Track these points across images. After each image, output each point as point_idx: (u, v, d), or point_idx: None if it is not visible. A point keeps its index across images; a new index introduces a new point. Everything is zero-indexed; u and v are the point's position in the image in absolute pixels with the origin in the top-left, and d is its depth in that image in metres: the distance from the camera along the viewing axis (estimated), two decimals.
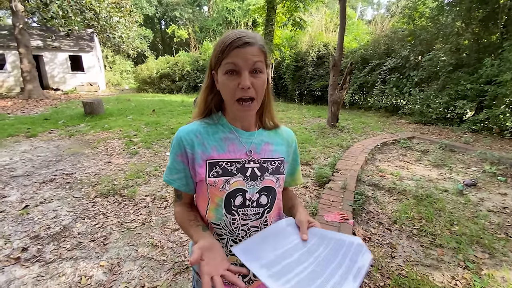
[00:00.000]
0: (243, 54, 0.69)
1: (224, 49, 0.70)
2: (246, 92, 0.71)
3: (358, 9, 33.45)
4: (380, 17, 16.63)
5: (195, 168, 0.78)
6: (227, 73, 0.71)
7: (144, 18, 27.32)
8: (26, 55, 11.87)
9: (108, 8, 14.17)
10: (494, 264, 2.13)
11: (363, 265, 0.62)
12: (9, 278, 1.87)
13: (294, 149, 0.94)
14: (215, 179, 0.76)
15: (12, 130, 6.08)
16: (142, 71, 18.35)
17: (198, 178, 0.78)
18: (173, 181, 0.81)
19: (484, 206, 3.12)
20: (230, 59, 0.69)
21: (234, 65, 0.70)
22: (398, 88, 9.77)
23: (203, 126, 0.80)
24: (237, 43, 0.69)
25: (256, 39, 0.72)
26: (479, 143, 5.99)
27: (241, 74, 0.70)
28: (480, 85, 7.16)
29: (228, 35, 0.71)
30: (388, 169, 4.29)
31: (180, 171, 0.80)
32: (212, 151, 0.78)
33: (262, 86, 0.73)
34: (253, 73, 0.71)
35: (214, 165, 0.77)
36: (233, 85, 0.71)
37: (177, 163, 0.79)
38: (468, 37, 8.10)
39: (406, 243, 2.41)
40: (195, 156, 0.77)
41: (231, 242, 0.80)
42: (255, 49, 0.70)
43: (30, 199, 3.05)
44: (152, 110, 9.32)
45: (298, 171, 0.98)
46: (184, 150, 0.78)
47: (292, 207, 0.91)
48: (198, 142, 0.78)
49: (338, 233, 0.74)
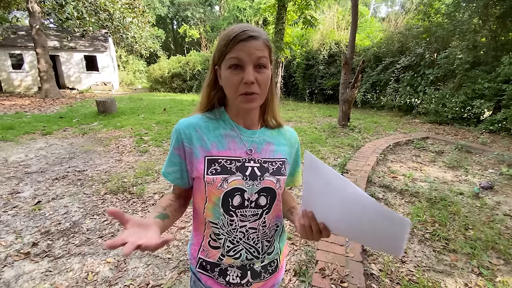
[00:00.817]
0: (248, 48, 0.67)
1: (228, 43, 0.68)
2: (249, 87, 0.68)
3: (372, 6, 32.81)
4: (394, 14, 16.26)
5: (193, 163, 0.76)
6: (231, 68, 0.69)
7: (157, 18, 27.73)
8: (43, 55, 12.23)
9: (121, 9, 14.41)
10: (509, 270, 2.03)
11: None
12: (18, 273, 1.91)
13: (297, 150, 0.90)
14: (213, 176, 0.74)
15: (28, 127, 6.27)
16: (154, 70, 18.62)
17: (196, 174, 0.76)
18: (168, 174, 0.79)
19: (500, 210, 2.99)
20: (234, 53, 0.67)
21: (238, 60, 0.67)
22: (412, 86, 9.52)
23: (204, 121, 0.78)
24: (241, 36, 0.67)
25: (260, 33, 0.70)
26: (497, 144, 5.76)
27: (244, 68, 0.68)
28: (497, 84, 6.89)
29: (232, 29, 0.70)
30: (400, 170, 4.18)
31: (175, 164, 0.78)
32: (211, 147, 0.75)
33: (266, 81, 0.71)
34: (257, 68, 0.69)
35: (213, 162, 0.75)
36: (236, 80, 0.68)
37: (174, 156, 0.78)
38: (485, 34, 7.81)
39: (418, 248, 2.33)
40: (193, 150, 0.75)
41: (228, 243, 0.78)
42: (259, 43, 0.68)
43: (43, 195, 3.13)
44: (163, 109, 9.43)
45: (298, 172, 0.94)
46: (181, 143, 0.76)
47: (293, 208, 0.88)
48: (198, 137, 0.76)
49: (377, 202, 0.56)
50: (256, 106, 0.75)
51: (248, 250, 0.79)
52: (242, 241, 0.78)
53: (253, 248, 0.79)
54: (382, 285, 1.88)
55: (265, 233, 0.81)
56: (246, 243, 0.78)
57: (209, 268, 0.81)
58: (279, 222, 0.86)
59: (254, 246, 0.79)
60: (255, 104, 0.73)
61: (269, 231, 0.82)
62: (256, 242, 0.79)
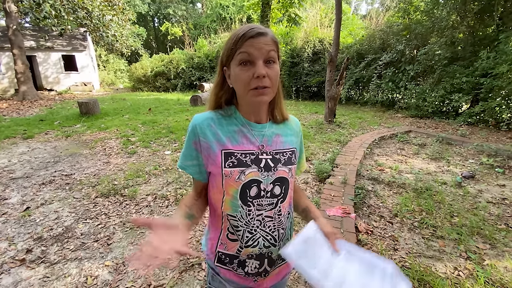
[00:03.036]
0: (257, 43, 0.70)
1: (237, 41, 0.70)
2: (261, 81, 0.71)
3: (353, 4, 33.42)
4: (374, 12, 16.63)
5: (210, 157, 0.78)
6: (241, 64, 0.71)
7: (137, 16, 27.05)
8: (20, 56, 11.71)
9: (100, 6, 13.99)
10: (496, 254, 2.17)
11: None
12: (16, 280, 1.86)
13: (301, 138, 0.96)
14: (230, 169, 0.77)
15: (8, 132, 6.01)
16: (137, 69, 18.19)
17: (213, 168, 0.79)
18: (187, 167, 0.82)
19: (483, 197, 3.17)
20: (243, 49, 0.70)
21: (248, 55, 0.70)
22: (394, 82, 9.80)
23: (217, 117, 0.81)
24: (250, 33, 0.70)
25: (267, 30, 0.73)
26: (476, 135, 6.06)
27: (255, 63, 0.70)
28: (475, 78, 7.22)
29: (240, 28, 0.72)
30: (386, 163, 4.33)
31: (193, 158, 0.81)
32: (226, 142, 0.79)
33: (276, 76, 0.74)
34: (267, 63, 0.72)
35: (229, 156, 0.78)
36: (247, 75, 0.71)
37: (191, 150, 0.81)
38: (464, 30, 8.14)
39: (408, 236, 2.44)
40: (210, 144, 0.78)
41: (247, 233, 0.80)
42: (268, 39, 0.71)
43: (31, 201, 3.03)
44: (148, 109, 9.26)
45: (303, 159, 1.00)
46: (198, 138, 0.79)
47: (307, 211, 0.92)
48: (212, 132, 0.79)
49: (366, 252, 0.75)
50: (268, 99, 0.77)
51: (265, 238, 0.82)
52: (259, 229, 0.81)
53: (269, 235, 0.82)
54: None
55: (281, 221, 0.85)
56: (263, 231, 0.81)
57: (228, 260, 0.84)
58: (290, 210, 0.90)
59: (271, 234, 0.83)
60: (267, 97, 0.75)
61: (284, 219, 0.86)
62: (272, 230, 0.83)
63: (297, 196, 0.96)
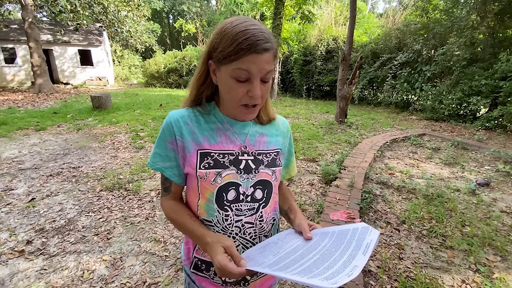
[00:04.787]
0: (260, 62, 0.62)
1: (239, 51, 0.61)
2: (254, 100, 0.67)
3: (369, 2, 32.72)
4: (392, 10, 16.21)
5: (185, 157, 0.73)
6: (236, 78, 0.64)
7: (152, 12, 27.37)
8: (36, 49, 12.01)
9: (116, 2, 14.18)
10: (506, 267, 2.04)
11: (371, 241, 0.60)
12: (13, 271, 1.88)
13: (290, 139, 0.89)
14: (206, 171, 0.71)
15: (22, 123, 6.17)
16: (150, 65, 18.43)
17: (189, 169, 0.73)
18: (165, 169, 0.75)
19: (497, 206, 3.01)
20: (244, 65, 0.62)
21: (248, 73, 0.63)
22: (409, 83, 9.53)
23: (195, 114, 0.75)
24: (256, 48, 0.61)
25: (272, 42, 0.64)
26: (493, 141, 5.80)
27: (252, 82, 0.64)
28: (494, 81, 6.92)
29: (245, 29, 0.61)
30: (397, 167, 4.19)
31: (171, 159, 0.75)
32: (203, 141, 0.73)
33: (267, 91, 0.70)
34: (263, 82, 0.67)
35: (205, 156, 0.72)
36: (241, 91, 0.65)
37: (168, 150, 0.74)
38: (483, 31, 7.81)
39: (415, 244, 2.33)
40: (185, 144, 0.72)
41: None
42: (270, 55, 0.64)
43: (37, 192, 3.08)
44: (159, 105, 9.34)
45: (293, 162, 0.93)
46: (174, 137, 0.73)
47: (289, 210, 0.86)
48: (189, 130, 0.73)
49: (341, 225, 0.70)
50: (255, 115, 0.75)
51: (245, 245, 0.76)
52: (238, 236, 0.75)
53: (250, 243, 0.77)
54: (380, 282, 1.88)
55: (263, 227, 0.79)
56: (242, 238, 0.76)
57: (204, 267, 0.78)
58: (275, 215, 0.84)
59: (251, 241, 0.77)
60: (255, 115, 0.73)
61: (266, 226, 0.80)
62: (253, 237, 0.77)
63: (283, 199, 0.90)
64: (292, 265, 0.57)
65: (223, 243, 0.64)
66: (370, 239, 0.60)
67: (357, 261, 0.53)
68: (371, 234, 0.62)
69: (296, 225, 0.76)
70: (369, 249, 0.57)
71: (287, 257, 0.61)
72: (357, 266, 0.52)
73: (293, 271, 0.53)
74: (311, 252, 0.62)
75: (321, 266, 0.54)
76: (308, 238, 0.69)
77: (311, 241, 0.68)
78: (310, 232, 0.71)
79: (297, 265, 0.56)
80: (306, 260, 0.58)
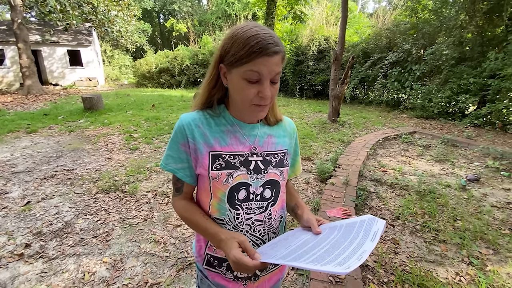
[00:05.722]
0: (270, 64, 0.66)
1: (251, 54, 0.64)
2: (264, 100, 0.70)
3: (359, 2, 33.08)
4: (381, 10, 16.44)
5: (198, 158, 0.76)
6: (247, 80, 0.67)
7: (143, 11, 27.08)
8: (25, 50, 11.77)
9: (106, 1, 14.00)
10: (498, 260, 2.13)
11: (378, 229, 0.64)
12: (14, 274, 1.87)
13: (295, 140, 0.93)
14: (218, 172, 0.74)
15: (12, 126, 6.05)
16: (141, 65, 18.22)
17: (201, 170, 0.76)
18: (177, 170, 0.78)
19: (487, 201, 3.11)
20: (255, 67, 0.65)
21: (259, 74, 0.66)
22: (399, 82, 9.69)
23: (205, 117, 0.78)
24: (267, 51, 0.64)
25: (280, 45, 0.68)
26: (482, 137, 5.96)
27: (262, 83, 0.68)
28: (483, 79, 7.10)
29: (256, 34, 0.65)
30: (390, 164, 4.28)
31: (183, 160, 0.77)
32: (214, 143, 0.76)
33: (276, 92, 0.73)
34: (272, 83, 0.70)
35: (217, 158, 0.75)
36: (252, 92, 0.68)
37: (181, 152, 0.77)
38: (472, 30, 8.00)
39: (409, 239, 2.40)
40: (197, 146, 0.75)
41: None
42: (279, 58, 0.68)
43: (32, 195, 3.04)
44: (152, 105, 9.27)
45: (298, 162, 0.98)
46: (186, 139, 0.75)
47: (296, 207, 0.90)
48: (200, 133, 0.75)
49: (348, 219, 0.74)
50: (265, 114, 0.77)
51: (254, 242, 0.80)
52: (249, 234, 0.79)
53: (259, 240, 0.80)
54: (377, 275, 1.94)
55: (271, 225, 0.82)
56: (252, 235, 0.79)
57: (217, 264, 0.81)
58: (283, 213, 0.88)
59: (260, 238, 0.80)
60: (265, 113, 0.76)
61: (274, 223, 0.83)
62: (262, 234, 0.81)
63: (290, 196, 0.94)
64: (304, 255, 0.60)
65: (237, 238, 0.67)
66: (377, 227, 0.65)
67: (366, 246, 0.58)
68: (377, 224, 0.66)
69: (305, 221, 0.80)
70: (377, 236, 0.61)
71: (298, 249, 0.65)
72: (366, 250, 0.56)
73: (306, 260, 0.57)
74: (321, 244, 0.65)
75: (332, 254, 0.58)
76: (317, 233, 0.72)
77: (320, 235, 0.71)
78: (318, 227, 0.75)
79: (309, 255, 0.60)
80: (317, 250, 0.62)
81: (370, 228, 0.65)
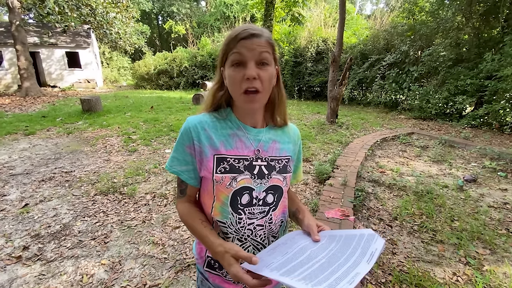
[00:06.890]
0: (250, 44, 0.68)
1: (230, 42, 0.70)
2: (251, 82, 0.69)
3: (357, 4, 33.25)
4: (379, 12, 16.53)
5: (202, 161, 0.76)
6: (234, 65, 0.70)
7: (141, 13, 27.06)
8: (23, 52, 11.75)
9: (104, 3, 14.02)
10: (495, 260, 2.14)
11: (375, 249, 0.63)
12: (11, 277, 1.86)
13: (299, 147, 0.93)
14: (222, 175, 0.74)
15: (10, 128, 6.04)
16: (140, 67, 18.22)
17: (205, 173, 0.77)
18: (182, 173, 0.78)
19: (484, 201, 3.13)
20: (236, 50, 0.69)
21: (240, 55, 0.68)
22: (397, 83, 9.74)
23: (212, 120, 0.79)
24: (242, 34, 0.69)
25: (263, 31, 0.72)
26: (479, 138, 6.00)
27: (247, 65, 0.69)
28: (480, 80, 7.15)
29: (235, 29, 0.71)
30: (388, 165, 4.29)
31: (188, 163, 0.78)
32: (220, 146, 0.76)
33: (269, 79, 0.72)
34: (260, 65, 0.70)
35: (221, 161, 0.75)
36: (239, 76, 0.69)
37: (186, 154, 0.77)
38: (469, 31, 8.06)
39: (407, 239, 2.41)
40: (203, 149, 0.76)
41: (237, 241, 0.79)
42: (261, 40, 0.70)
43: (30, 198, 3.03)
44: (150, 107, 9.27)
45: (300, 168, 0.98)
46: (192, 141, 0.76)
47: (297, 211, 0.90)
48: (206, 135, 0.76)
49: (348, 230, 0.74)
50: (259, 106, 0.76)
51: (255, 246, 0.80)
52: (250, 238, 0.79)
53: (260, 244, 0.81)
54: (375, 276, 1.95)
55: (271, 229, 0.83)
56: (253, 240, 0.80)
57: (217, 266, 0.82)
58: (283, 218, 0.88)
59: (261, 242, 0.81)
60: (258, 104, 0.74)
61: (275, 227, 0.84)
62: (263, 238, 0.81)
63: (291, 202, 0.94)
64: (298, 268, 0.60)
65: (230, 252, 0.66)
66: (375, 247, 0.63)
67: (360, 268, 0.56)
68: (376, 243, 0.65)
69: (305, 226, 0.80)
70: (373, 258, 0.59)
71: (294, 259, 0.65)
72: (359, 273, 0.54)
73: (299, 275, 0.57)
74: (318, 256, 0.65)
75: (326, 271, 0.57)
76: (316, 241, 0.72)
77: (319, 243, 0.71)
78: (318, 234, 0.74)
79: (304, 269, 0.59)
80: (312, 263, 0.61)
81: (368, 246, 0.64)
